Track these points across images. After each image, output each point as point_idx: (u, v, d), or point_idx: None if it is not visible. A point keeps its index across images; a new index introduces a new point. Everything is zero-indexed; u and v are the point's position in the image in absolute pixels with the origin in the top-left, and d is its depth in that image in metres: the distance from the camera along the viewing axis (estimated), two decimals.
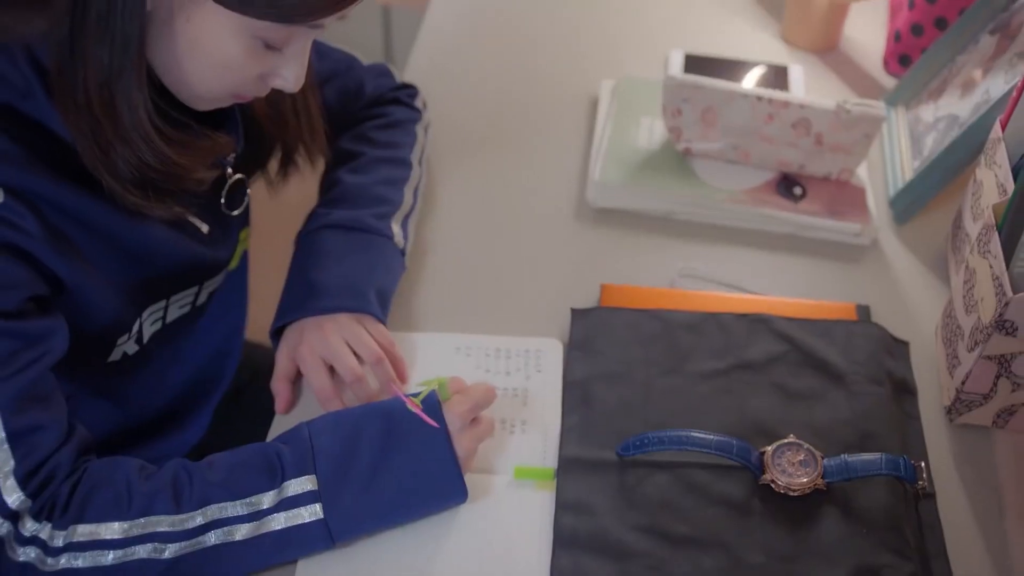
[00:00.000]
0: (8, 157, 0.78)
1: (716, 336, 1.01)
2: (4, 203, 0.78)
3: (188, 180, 0.87)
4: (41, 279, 0.82)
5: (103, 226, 0.86)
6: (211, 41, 0.79)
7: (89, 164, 0.82)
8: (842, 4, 1.33)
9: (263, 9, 0.76)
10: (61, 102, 0.80)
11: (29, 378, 0.80)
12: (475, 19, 1.42)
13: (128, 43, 0.78)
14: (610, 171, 1.15)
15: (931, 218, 1.15)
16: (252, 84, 0.85)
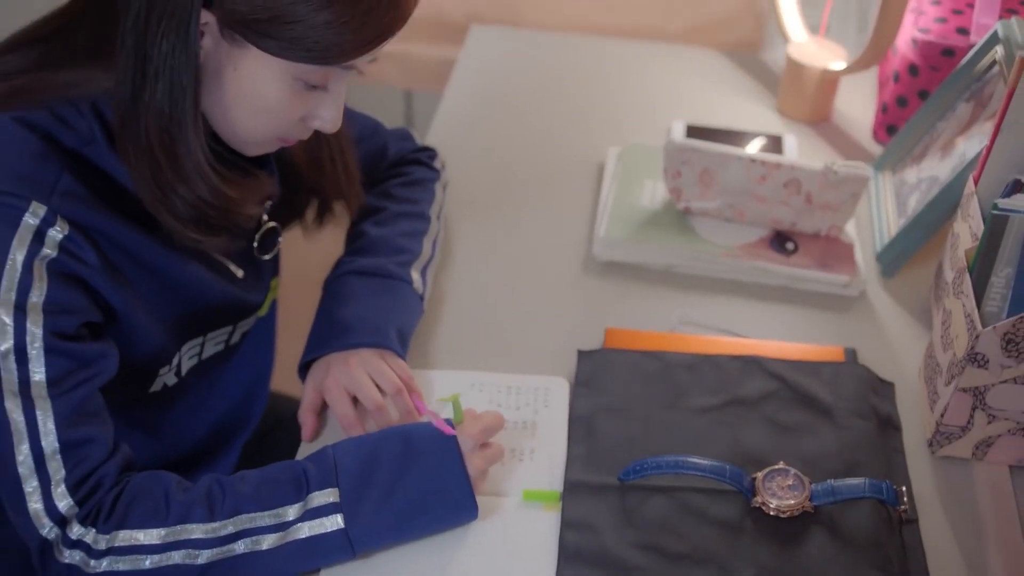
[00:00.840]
0: (75, 195, 0.87)
1: (712, 375, 1.08)
2: (69, 236, 0.87)
3: (240, 215, 0.96)
4: (96, 307, 0.90)
5: (152, 263, 0.95)
6: (256, 86, 0.89)
7: (149, 204, 0.91)
8: (832, 78, 1.43)
9: (301, 52, 0.86)
10: (124, 149, 0.89)
11: (81, 396, 0.88)
12: (490, 96, 1.52)
13: (185, 93, 0.87)
14: (615, 227, 1.24)
15: (916, 272, 1.23)
16: (295, 127, 0.94)
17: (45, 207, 0.85)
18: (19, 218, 0.85)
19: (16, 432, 0.85)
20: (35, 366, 0.86)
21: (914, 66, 1.33)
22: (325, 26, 0.85)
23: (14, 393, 0.85)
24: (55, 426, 0.86)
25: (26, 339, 0.85)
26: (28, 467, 0.86)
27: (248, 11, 0.84)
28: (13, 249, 0.84)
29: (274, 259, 1.15)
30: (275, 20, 0.84)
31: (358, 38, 0.87)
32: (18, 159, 0.86)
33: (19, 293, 0.85)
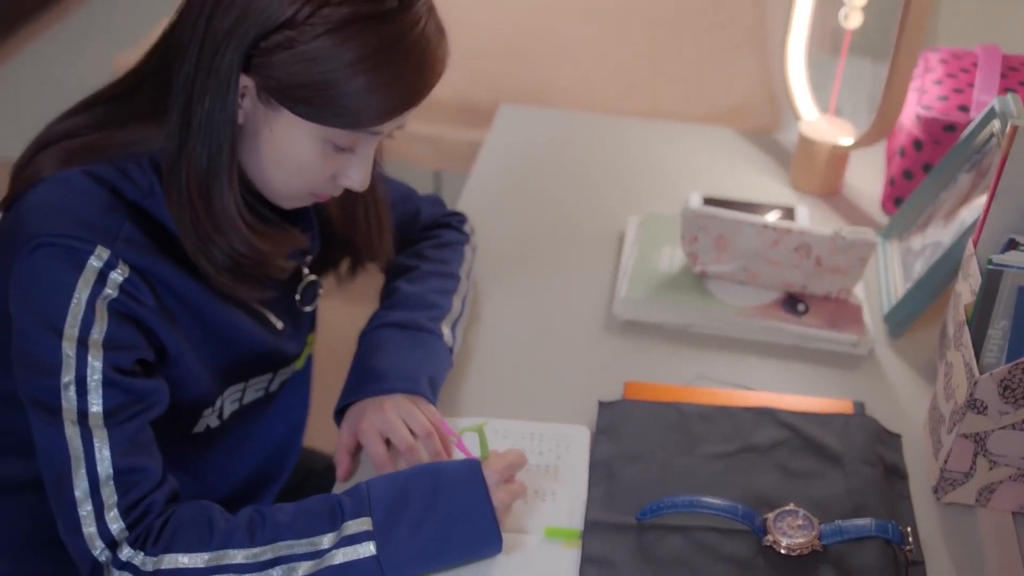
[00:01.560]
0: (135, 242, 0.96)
1: (726, 425, 1.13)
2: (129, 278, 0.95)
3: (271, 267, 1.03)
4: (150, 346, 0.98)
5: (201, 309, 1.03)
6: (289, 146, 0.97)
7: (190, 251, 0.99)
8: (842, 153, 1.51)
9: (331, 118, 0.95)
10: (169, 199, 0.98)
11: (134, 428, 0.95)
12: (517, 168, 1.60)
13: (222, 149, 0.96)
14: (635, 288, 1.31)
15: (921, 333, 1.29)
16: (325, 184, 1.02)
17: (109, 251, 0.94)
18: (85, 261, 0.93)
19: (75, 458, 0.92)
20: (93, 398, 0.93)
21: (918, 141, 1.41)
22: (353, 95, 0.93)
23: (73, 422, 0.92)
24: (110, 454, 0.93)
25: (87, 372, 0.93)
26: (84, 491, 0.92)
27: (283, 79, 0.93)
28: (79, 289, 0.92)
29: (312, 314, 1.22)
30: (307, 89, 0.93)
31: (384, 107, 0.95)
32: (86, 208, 0.95)
33: (82, 329, 0.93)
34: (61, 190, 0.96)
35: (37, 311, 0.93)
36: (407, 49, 0.93)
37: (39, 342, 0.93)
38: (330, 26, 0.90)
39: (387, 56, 0.92)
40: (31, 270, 0.93)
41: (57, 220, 0.94)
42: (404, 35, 0.93)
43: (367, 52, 0.91)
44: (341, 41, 0.91)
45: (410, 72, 0.95)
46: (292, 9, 0.90)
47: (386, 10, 0.92)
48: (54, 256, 0.93)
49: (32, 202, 0.96)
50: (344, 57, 0.91)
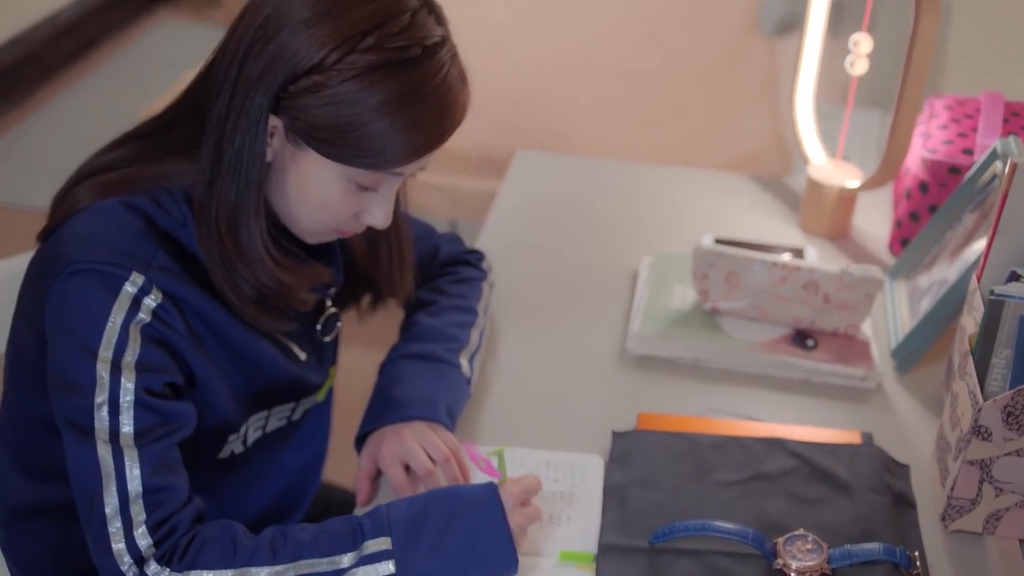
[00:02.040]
0: (168, 270, 1.00)
1: (737, 454, 1.16)
2: (161, 304, 0.99)
3: (294, 299, 1.07)
4: (179, 370, 1.02)
5: (229, 336, 1.07)
6: (314, 184, 1.02)
7: (217, 282, 1.03)
8: (850, 196, 1.55)
9: (355, 159, 0.99)
10: (199, 231, 1.02)
11: (163, 448, 0.98)
12: (533, 210, 1.65)
13: (250, 185, 1.01)
14: (648, 324, 1.34)
15: (928, 369, 1.31)
16: (349, 221, 1.07)
17: (143, 277, 0.98)
18: (120, 286, 0.97)
19: (106, 476, 0.96)
20: (125, 418, 0.97)
21: (924, 184, 1.45)
22: (376, 137, 0.98)
23: (105, 441, 0.96)
24: (140, 473, 0.96)
25: (119, 393, 0.96)
26: (114, 508, 0.95)
27: (310, 120, 0.97)
28: (114, 313, 0.97)
29: (333, 347, 1.26)
30: (332, 130, 0.97)
31: (405, 149, 1.00)
32: (122, 236, 1.00)
33: (116, 352, 0.97)
34: (98, 219, 1.01)
35: (73, 334, 0.97)
36: (429, 95, 0.98)
37: (74, 364, 0.97)
38: (356, 71, 0.95)
39: (410, 101, 0.97)
40: (68, 294, 0.97)
41: (94, 247, 0.98)
42: (427, 81, 0.97)
43: (391, 97, 0.96)
44: (367, 86, 0.95)
45: (432, 117, 0.99)
46: (321, 54, 0.95)
47: (410, 57, 0.96)
48: (91, 281, 0.97)
49: (70, 230, 1.01)
50: (369, 101, 0.96)
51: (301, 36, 0.95)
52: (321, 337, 1.20)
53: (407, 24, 0.97)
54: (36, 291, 1.03)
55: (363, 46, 0.95)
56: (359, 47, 0.95)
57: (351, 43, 0.95)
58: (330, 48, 0.95)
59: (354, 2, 0.96)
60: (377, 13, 0.96)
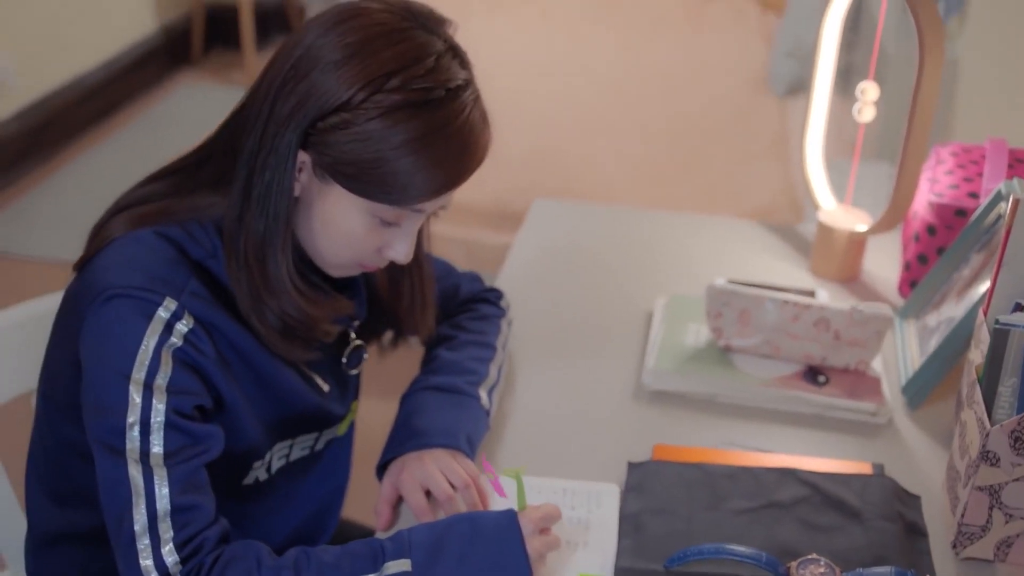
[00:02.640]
0: (199, 297, 1.04)
1: (750, 483, 1.18)
2: (192, 329, 1.03)
3: (317, 330, 1.11)
4: (208, 394, 1.05)
5: (256, 364, 1.10)
6: (339, 218, 1.06)
7: (244, 311, 1.07)
8: (859, 239, 1.58)
9: (379, 195, 1.04)
10: (228, 262, 1.06)
11: (191, 468, 1.01)
12: (550, 254, 1.68)
13: (278, 219, 1.05)
14: (663, 360, 1.38)
15: (938, 406, 1.34)
16: (371, 256, 1.11)
17: (176, 303, 1.02)
18: (154, 311, 1.01)
19: (135, 494, 0.99)
20: (155, 439, 1.00)
21: (932, 226, 1.49)
22: (400, 174, 1.02)
23: (136, 461, 0.99)
24: (168, 492, 0.99)
25: (151, 414, 1.00)
26: (142, 526, 0.98)
27: (337, 156, 1.02)
28: (147, 336, 1.01)
29: (356, 381, 1.30)
30: (358, 166, 1.02)
31: (427, 187, 1.04)
32: (157, 264, 1.04)
33: (148, 374, 1.00)
34: (134, 247, 1.05)
35: (108, 356, 1.01)
36: (452, 135, 1.03)
37: (108, 385, 1.01)
38: (382, 110, 1.00)
39: (433, 140, 1.02)
40: (104, 319, 1.01)
41: (130, 273, 1.02)
42: (450, 122, 1.02)
43: (415, 135, 1.01)
44: (391, 124, 1.00)
45: (454, 156, 1.04)
46: (349, 93, 1.00)
47: (434, 98, 1.01)
48: (126, 306, 1.01)
49: (106, 259, 1.05)
50: (393, 139, 1.00)
51: (331, 76, 1.00)
52: (347, 370, 1.24)
53: (432, 67, 1.02)
54: (73, 318, 1.07)
55: (389, 86, 1.00)
56: (385, 87, 1.00)
57: (378, 83, 1.00)
58: (358, 87, 1.00)
59: (382, 45, 1.01)
60: (403, 56, 1.01)
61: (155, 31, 4.42)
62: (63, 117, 3.81)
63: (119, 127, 4.05)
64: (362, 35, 1.01)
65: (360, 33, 1.01)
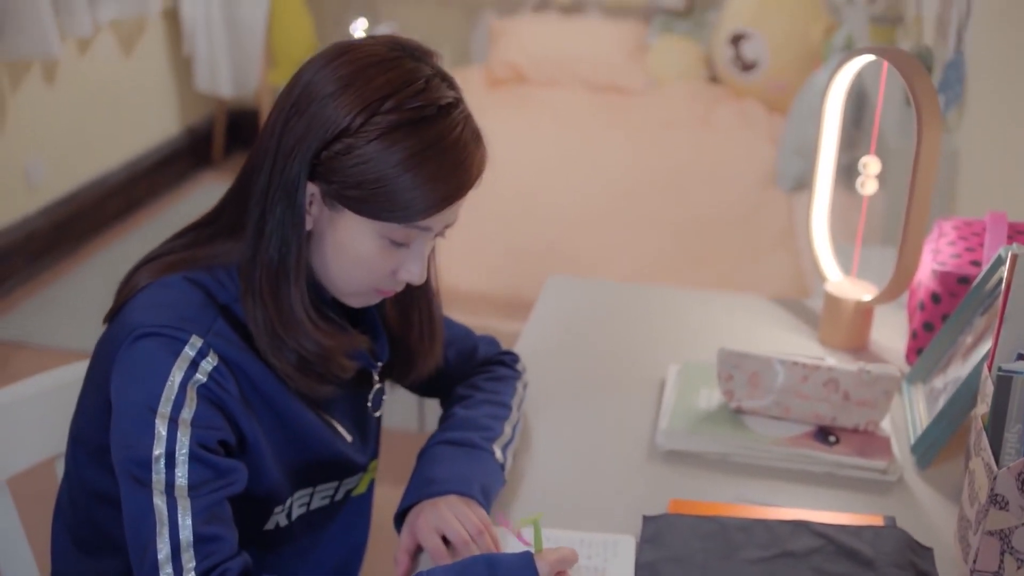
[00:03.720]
0: (225, 337, 1.09)
1: (764, 535, 1.20)
2: (217, 367, 1.07)
3: (334, 364, 1.15)
4: (231, 431, 1.09)
5: (279, 406, 1.14)
6: (352, 244, 1.11)
7: (262, 348, 1.11)
8: (866, 309, 1.62)
9: (386, 214, 1.09)
10: (244, 300, 1.11)
11: (215, 500, 1.05)
12: (564, 327, 1.73)
13: (290, 251, 1.11)
14: (676, 421, 1.41)
15: (948, 465, 1.36)
16: (386, 279, 1.15)
17: (202, 340, 1.07)
18: (181, 349, 1.06)
19: (159, 524, 1.02)
20: (180, 471, 1.03)
21: (936, 295, 1.53)
22: (402, 191, 1.08)
23: (161, 492, 1.03)
24: (191, 522, 1.02)
25: (176, 446, 1.04)
26: (166, 555, 1.01)
27: (343, 181, 1.08)
28: (173, 373, 1.05)
29: (376, 432, 1.33)
30: (364, 188, 1.08)
31: (429, 201, 1.10)
32: (185, 306, 1.09)
33: (174, 409, 1.04)
34: (164, 291, 1.11)
35: (136, 391, 1.05)
36: (447, 149, 1.09)
37: (136, 419, 1.05)
38: (380, 131, 1.07)
39: (430, 155, 1.08)
40: (133, 356, 1.06)
41: (159, 314, 1.08)
42: (444, 137, 1.09)
43: (412, 152, 1.07)
44: (390, 144, 1.07)
45: (450, 169, 1.10)
46: (348, 120, 1.07)
47: (427, 116, 1.08)
48: (155, 343, 1.06)
49: (137, 303, 1.11)
50: (393, 157, 1.07)
51: (330, 106, 1.07)
52: (371, 412, 1.27)
53: (422, 88, 1.09)
54: (104, 363, 1.11)
55: (384, 108, 1.07)
56: (381, 110, 1.07)
57: (374, 107, 1.07)
58: (355, 112, 1.06)
59: (374, 73, 1.08)
60: (395, 80, 1.08)
61: (179, 133, 4.57)
62: (88, 213, 3.92)
63: (141, 224, 4.15)
64: (355, 66, 1.08)
65: (353, 65, 1.09)
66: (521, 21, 4.66)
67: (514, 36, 4.56)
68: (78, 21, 3.63)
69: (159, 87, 4.41)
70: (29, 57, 3.44)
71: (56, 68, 3.72)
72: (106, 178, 4.05)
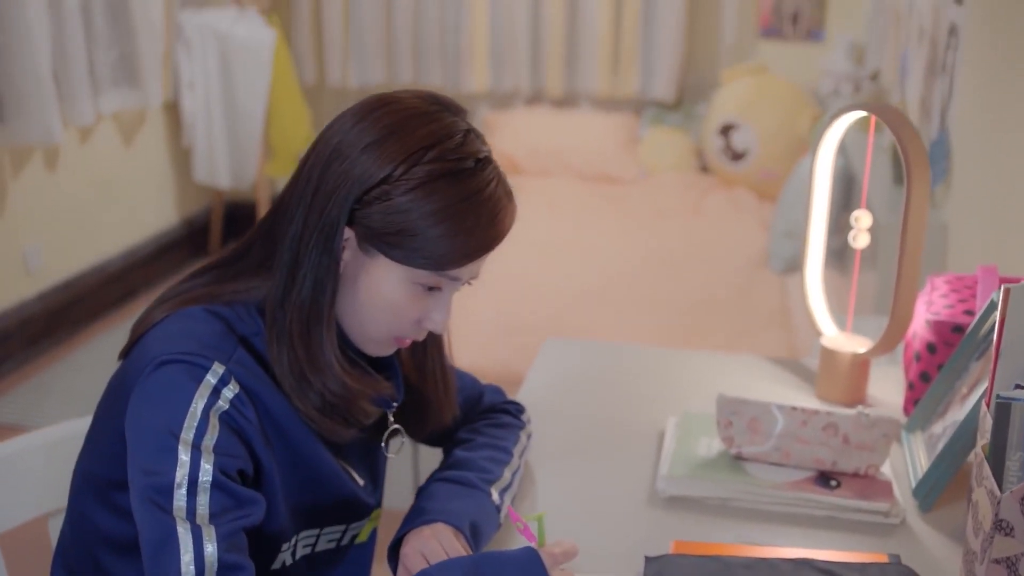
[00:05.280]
0: (245, 366, 1.10)
1: (767, 572, 1.19)
2: (238, 395, 1.08)
3: (357, 408, 1.16)
4: (250, 460, 1.09)
5: (296, 442, 1.14)
6: (383, 289, 1.13)
7: (286, 389, 1.12)
8: (862, 362, 1.64)
9: (419, 260, 1.11)
10: (269, 341, 1.12)
11: (234, 530, 1.04)
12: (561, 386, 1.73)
13: (324, 295, 1.12)
14: (676, 467, 1.40)
15: (951, 507, 1.36)
16: (410, 327, 1.17)
17: (224, 367, 1.08)
18: (203, 376, 1.07)
19: (183, 550, 1.01)
20: (202, 499, 1.03)
21: (931, 344, 1.54)
22: (437, 239, 1.10)
23: (183, 519, 1.02)
24: (215, 549, 1.01)
25: (199, 474, 1.04)
26: None
27: (380, 227, 1.10)
28: (196, 399, 1.06)
29: (382, 480, 1.33)
30: (400, 234, 1.10)
31: (462, 251, 1.12)
32: (206, 334, 1.11)
33: (196, 435, 1.05)
34: (185, 321, 1.12)
35: (158, 418, 1.06)
36: (484, 202, 1.12)
37: (158, 446, 1.05)
38: (421, 180, 1.09)
39: (466, 207, 1.11)
40: (155, 383, 1.07)
41: (180, 342, 1.09)
42: (481, 190, 1.12)
43: (450, 203, 1.10)
44: (429, 193, 1.10)
45: (486, 222, 1.12)
46: (390, 167, 1.10)
47: (466, 168, 1.12)
48: (177, 370, 1.07)
49: (157, 333, 1.12)
50: (432, 207, 1.10)
51: (371, 154, 1.10)
52: (387, 453, 1.27)
53: (461, 142, 1.12)
54: (120, 396, 1.12)
55: (426, 159, 1.10)
56: (423, 160, 1.10)
57: (416, 157, 1.10)
58: (398, 162, 1.09)
59: (416, 124, 1.11)
60: (436, 132, 1.12)
61: (177, 223, 4.62)
62: (85, 300, 3.94)
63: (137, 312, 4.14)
64: (398, 117, 1.12)
65: (395, 116, 1.12)
66: (514, 114, 4.76)
67: (508, 128, 4.66)
68: (80, 110, 3.70)
69: (158, 177, 4.48)
70: (31, 143, 3.50)
71: (57, 155, 3.78)
72: (104, 266, 4.08)
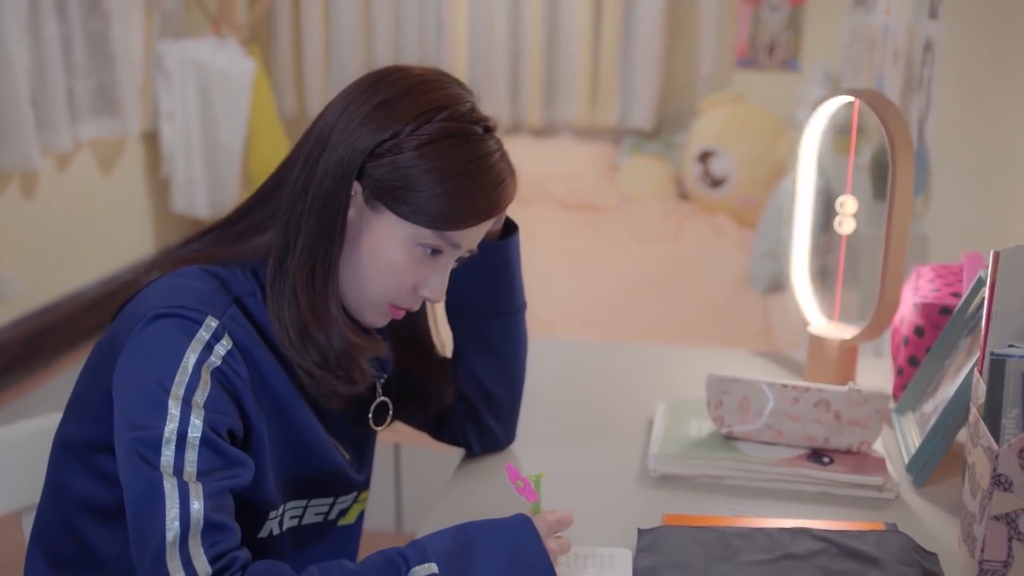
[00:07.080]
0: (238, 322, 1.09)
1: (764, 541, 1.17)
2: (231, 351, 1.06)
3: (356, 367, 1.14)
4: (240, 420, 1.07)
5: (285, 404, 1.13)
6: (386, 247, 1.12)
7: (284, 346, 1.10)
8: (850, 347, 1.63)
9: (423, 217, 1.11)
10: (271, 296, 1.11)
11: (222, 488, 1.02)
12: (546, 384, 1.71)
13: (331, 247, 1.11)
14: (667, 447, 1.38)
15: (945, 483, 1.34)
16: (406, 294, 1.15)
17: (217, 322, 1.06)
18: (196, 330, 1.05)
19: (169, 505, 0.98)
20: (190, 455, 1.01)
21: (919, 327, 1.54)
22: (441, 197, 1.10)
23: (170, 475, 0.99)
24: (202, 506, 0.99)
25: (188, 429, 1.01)
26: (175, 535, 0.97)
27: (388, 180, 1.10)
28: (188, 353, 1.03)
29: (371, 463, 1.30)
30: (406, 188, 1.10)
31: (466, 212, 1.12)
32: (200, 289, 1.09)
33: (187, 390, 1.03)
34: (179, 277, 1.10)
35: (148, 370, 1.04)
36: (488, 168, 1.13)
37: (147, 398, 1.02)
38: (431, 138, 1.10)
39: (472, 169, 1.12)
40: (147, 336, 1.05)
41: (174, 296, 1.07)
42: (486, 156, 1.13)
43: (457, 162, 1.11)
44: (437, 151, 1.10)
45: (490, 187, 1.13)
46: (401, 124, 1.10)
47: (474, 133, 1.13)
48: (170, 324, 1.05)
49: (151, 288, 1.10)
50: (440, 164, 1.10)
51: (385, 111, 1.11)
52: (373, 426, 1.25)
53: (471, 108, 1.15)
54: (108, 354, 1.09)
55: (438, 118, 1.11)
56: (435, 119, 1.11)
57: (429, 115, 1.11)
58: (411, 118, 1.10)
59: (429, 88, 1.13)
60: (448, 96, 1.14)
61: (154, 252, 4.58)
62: (61, 328, 3.89)
63: None
64: (411, 81, 1.14)
65: (409, 80, 1.14)
66: None
67: None
68: (59, 136, 3.68)
69: (135, 206, 4.45)
70: (9, 167, 3.47)
71: (35, 183, 3.75)
72: (80, 293, 4.04)
